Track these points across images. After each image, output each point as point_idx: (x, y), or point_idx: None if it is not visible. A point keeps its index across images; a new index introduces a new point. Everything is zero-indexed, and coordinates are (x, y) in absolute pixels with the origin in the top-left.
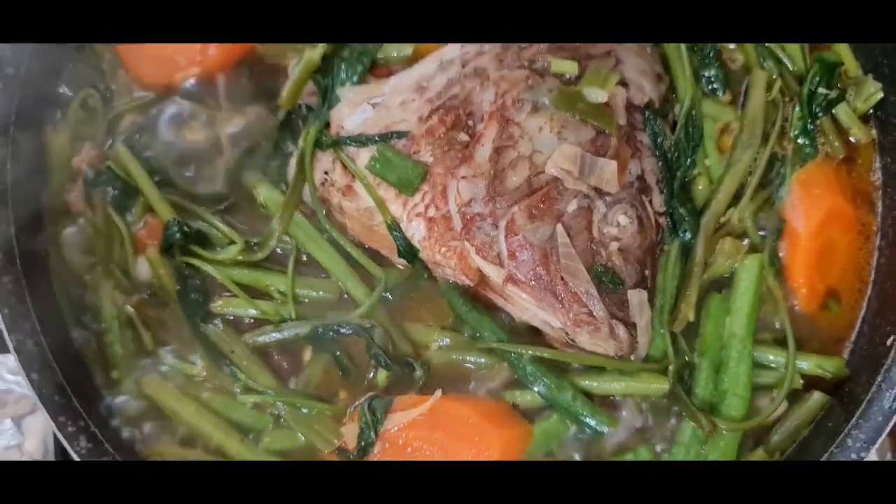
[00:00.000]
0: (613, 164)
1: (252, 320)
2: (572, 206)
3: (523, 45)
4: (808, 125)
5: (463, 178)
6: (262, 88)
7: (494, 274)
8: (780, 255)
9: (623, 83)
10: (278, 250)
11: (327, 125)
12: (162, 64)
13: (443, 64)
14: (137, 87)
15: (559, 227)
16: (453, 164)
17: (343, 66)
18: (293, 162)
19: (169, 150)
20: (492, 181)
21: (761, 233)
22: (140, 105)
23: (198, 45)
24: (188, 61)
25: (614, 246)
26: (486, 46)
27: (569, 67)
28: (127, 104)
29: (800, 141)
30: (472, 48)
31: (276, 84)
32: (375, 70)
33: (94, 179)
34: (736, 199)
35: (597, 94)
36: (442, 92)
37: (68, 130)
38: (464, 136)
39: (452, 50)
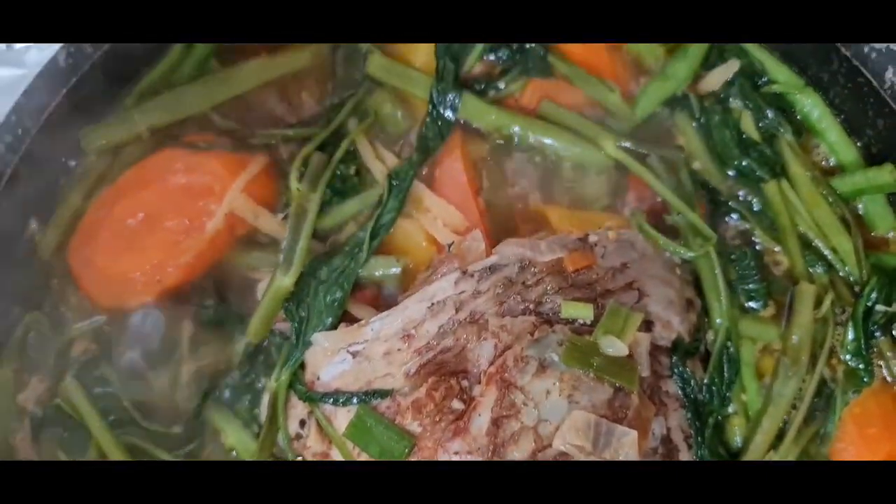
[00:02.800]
0: (633, 434)
1: None
2: None
3: (529, 283)
4: (863, 347)
5: (456, 453)
6: (228, 310)
7: None
8: None
9: (647, 321)
10: None
11: (303, 365)
12: (117, 283)
13: (433, 307)
14: (90, 309)
15: None
16: (445, 438)
17: (321, 291)
18: (265, 402)
19: (125, 385)
20: (489, 459)
21: None
22: (93, 330)
23: (155, 261)
24: (146, 279)
25: None
26: (484, 286)
27: (582, 312)
28: (78, 329)
29: (852, 364)
30: (467, 287)
31: (247, 300)
32: (358, 293)
33: (42, 419)
34: (777, 439)
35: (615, 347)
36: (433, 342)
37: (12, 362)
38: (457, 404)
39: (444, 289)
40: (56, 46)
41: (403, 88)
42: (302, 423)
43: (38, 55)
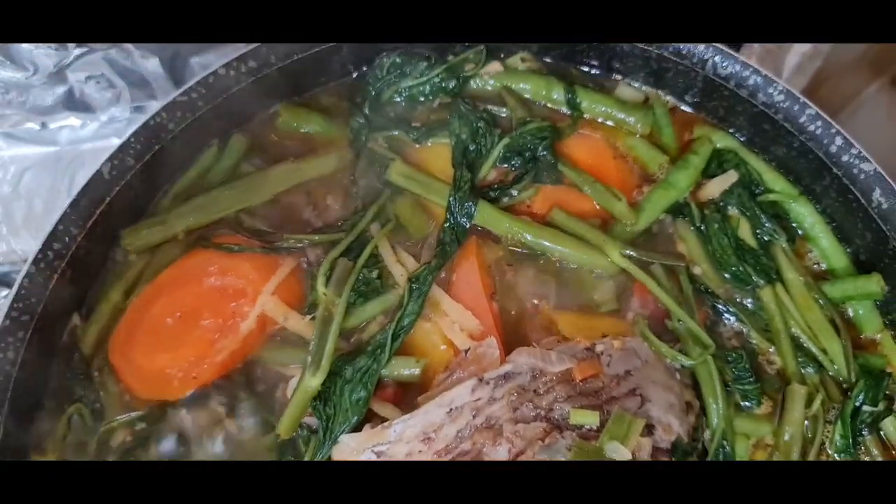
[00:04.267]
0: None
1: None
2: None
3: (540, 391)
4: (851, 444)
5: None
6: (261, 402)
7: None
8: None
9: (649, 426)
10: None
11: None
12: (155, 378)
13: (452, 412)
14: (129, 401)
15: None
16: None
17: (346, 390)
18: None
19: None
20: None
21: None
22: (132, 422)
23: (192, 358)
24: (183, 375)
25: None
26: (499, 393)
27: (589, 419)
28: (118, 421)
29: (840, 459)
30: (483, 394)
31: (277, 394)
32: (379, 392)
33: None
34: None
35: (619, 452)
36: (451, 446)
37: (55, 452)
38: None
39: (462, 395)
40: (89, 129)
41: (423, 195)
42: None
43: (70, 134)
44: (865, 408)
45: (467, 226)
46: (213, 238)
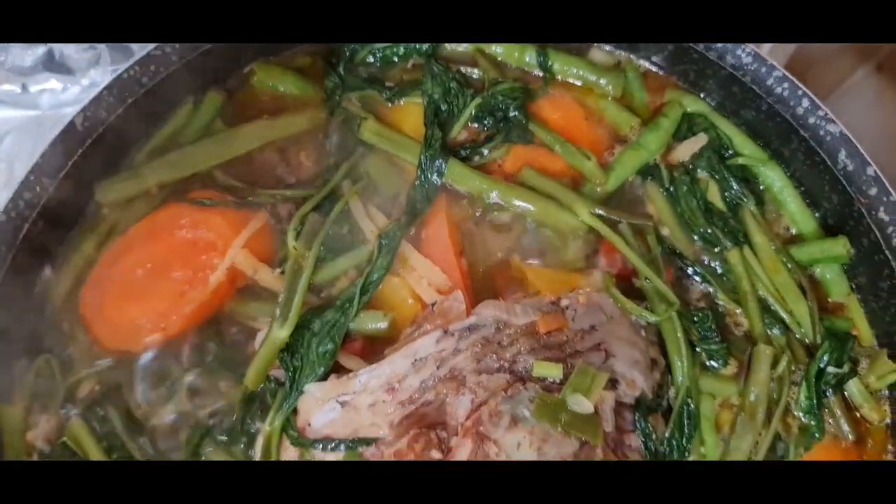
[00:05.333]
0: None
1: None
2: None
3: (504, 343)
4: (815, 405)
5: None
6: (229, 354)
7: None
8: None
9: (613, 380)
10: None
11: (295, 410)
12: (124, 329)
13: (416, 362)
14: (98, 352)
15: None
16: None
17: (314, 343)
18: (259, 444)
19: (128, 423)
20: None
21: None
22: (99, 373)
23: (161, 310)
24: (152, 326)
25: None
26: (463, 345)
27: (552, 371)
28: (86, 371)
29: (805, 420)
30: (448, 345)
31: (245, 346)
32: (348, 344)
33: (50, 456)
34: None
35: (582, 405)
36: (415, 396)
37: (23, 401)
38: (436, 454)
39: (427, 346)
40: (70, 93)
41: (394, 153)
42: None
43: (51, 98)
44: (830, 369)
45: (438, 183)
46: (186, 193)
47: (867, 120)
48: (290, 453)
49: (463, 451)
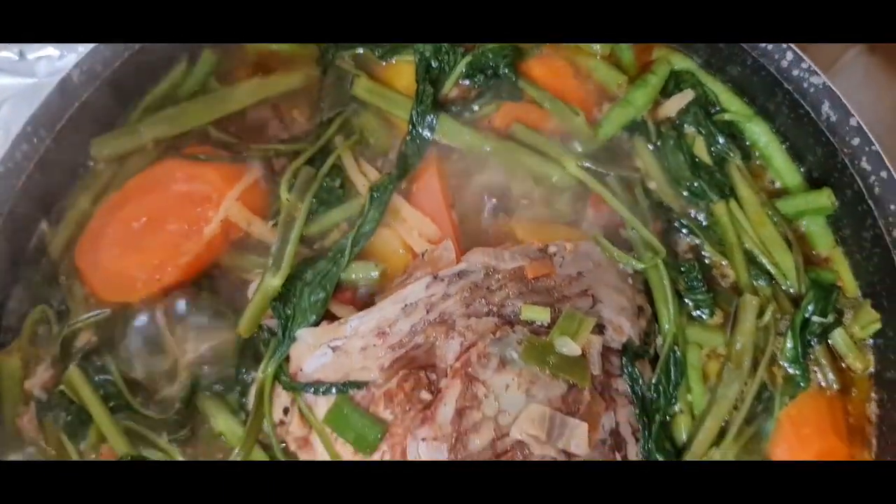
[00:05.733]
0: (584, 426)
1: None
2: None
3: (493, 287)
4: (801, 355)
5: (423, 439)
6: (222, 306)
7: None
8: None
9: (600, 325)
10: None
11: (288, 358)
12: (120, 280)
13: (406, 307)
14: (94, 303)
15: None
16: (414, 425)
17: (305, 292)
18: (253, 392)
19: (124, 372)
20: (453, 445)
21: None
22: (96, 323)
23: (156, 261)
24: (147, 277)
25: None
26: (452, 290)
27: (540, 315)
28: (82, 321)
29: (791, 370)
30: (437, 290)
31: (240, 298)
32: (339, 294)
33: (47, 403)
34: (720, 436)
35: (569, 347)
36: (405, 339)
37: (21, 351)
38: (425, 395)
39: (417, 292)
40: (68, 60)
41: (386, 109)
42: (285, 411)
43: (48, 65)
44: (815, 318)
45: (429, 138)
46: (181, 149)
47: (858, 100)
48: (282, 399)
49: (452, 392)
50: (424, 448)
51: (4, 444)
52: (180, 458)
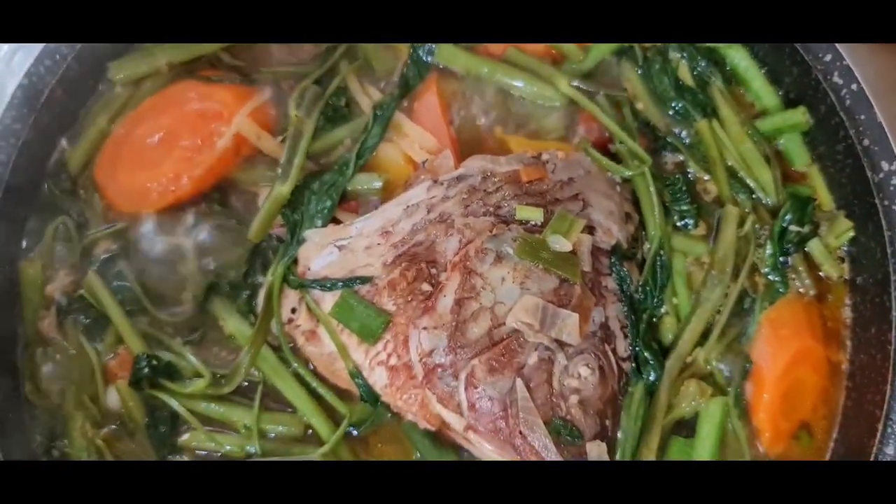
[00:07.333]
0: (575, 316)
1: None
2: (532, 359)
3: (489, 190)
4: (779, 262)
5: (424, 328)
6: (234, 216)
7: (455, 422)
8: (746, 396)
9: (590, 227)
10: (245, 383)
11: (296, 261)
12: (137, 193)
13: (409, 209)
14: (112, 215)
15: (518, 380)
16: (415, 315)
17: (313, 200)
18: (262, 295)
19: (140, 279)
20: (453, 333)
21: (727, 374)
22: (114, 233)
23: (171, 174)
24: (162, 189)
25: (574, 399)
26: (451, 192)
27: (533, 214)
28: (101, 232)
29: (770, 277)
30: (437, 193)
31: (249, 211)
32: (345, 204)
33: (67, 307)
34: (704, 337)
35: (561, 244)
36: (407, 238)
37: (42, 258)
38: (426, 287)
39: (418, 194)
40: None
41: None
42: (293, 310)
43: None
44: (792, 227)
45: (429, 60)
46: (194, 72)
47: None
48: (290, 300)
49: (451, 284)
50: (426, 336)
51: (28, 347)
52: (192, 359)
